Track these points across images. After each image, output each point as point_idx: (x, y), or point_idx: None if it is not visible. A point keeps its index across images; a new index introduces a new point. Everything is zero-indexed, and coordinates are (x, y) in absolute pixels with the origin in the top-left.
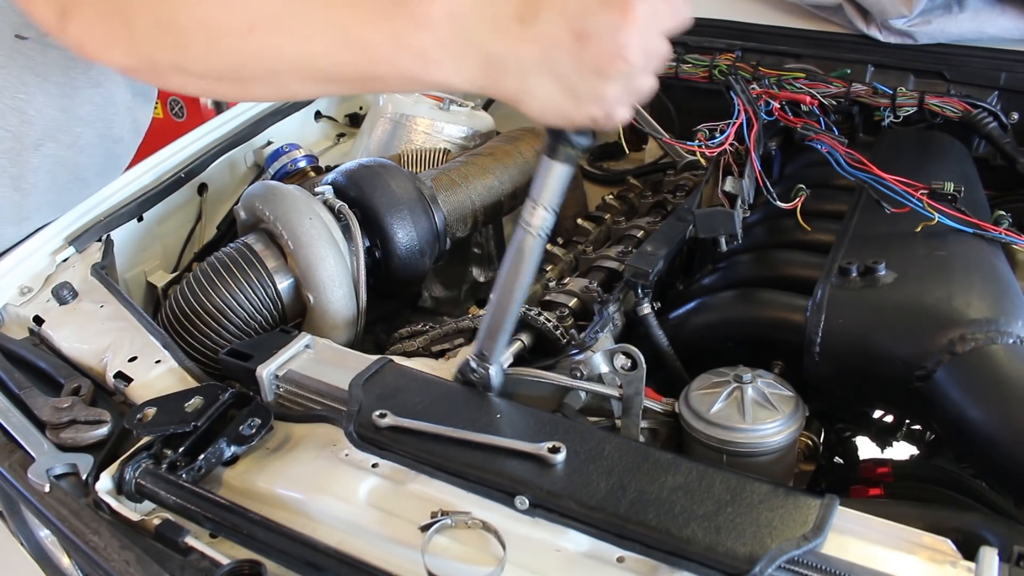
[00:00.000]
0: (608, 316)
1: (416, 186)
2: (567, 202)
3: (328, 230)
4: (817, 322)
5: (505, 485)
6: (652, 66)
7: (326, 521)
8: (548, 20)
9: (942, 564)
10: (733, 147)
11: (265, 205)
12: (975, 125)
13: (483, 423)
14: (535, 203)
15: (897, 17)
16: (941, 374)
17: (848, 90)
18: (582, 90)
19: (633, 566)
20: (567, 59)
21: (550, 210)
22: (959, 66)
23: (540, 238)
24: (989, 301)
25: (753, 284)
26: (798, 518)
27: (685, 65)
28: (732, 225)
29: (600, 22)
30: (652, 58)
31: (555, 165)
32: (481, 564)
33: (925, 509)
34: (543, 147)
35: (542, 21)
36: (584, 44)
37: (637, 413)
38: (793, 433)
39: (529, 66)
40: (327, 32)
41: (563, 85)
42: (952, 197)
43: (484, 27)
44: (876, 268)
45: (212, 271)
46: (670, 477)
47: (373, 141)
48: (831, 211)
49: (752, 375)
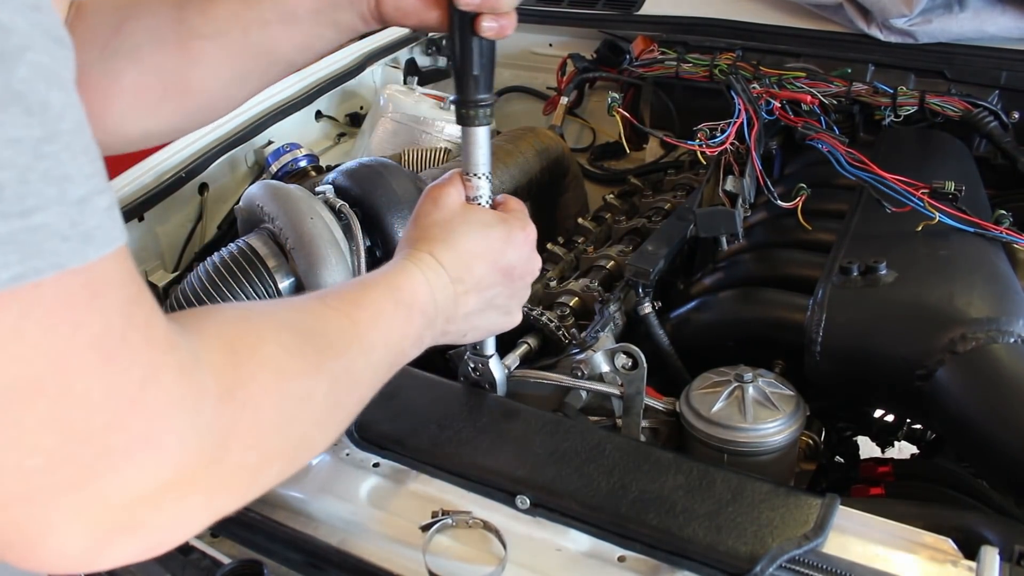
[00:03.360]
0: (609, 315)
1: (417, 186)
2: (568, 201)
3: (329, 230)
4: (818, 321)
5: (506, 485)
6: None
7: (327, 521)
8: (479, 269)
9: (943, 563)
10: (734, 146)
11: (266, 204)
12: (976, 124)
13: (484, 423)
14: (468, 175)
15: (898, 16)
16: (942, 373)
17: (849, 89)
18: (512, 306)
19: (634, 565)
20: (500, 290)
21: (483, 177)
22: (960, 65)
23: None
24: (990, 300)
25: (754, 283)
26: (799, 517)
27: (685, 65)
28: (733, 224)
29: (515, 254)
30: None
31: (472, 131)
32: (482, 564)
33: (926, 508)
34: (456, 119)
35: (474, 273)
36: (510, 274)
37: (638, 412)
38: (794, 432)
39: (476, 310)
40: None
41: (499, 311)
42: (953, 196)
43: (449, 308)
44: (877, 267)
45: (213, 271)
46: (671, 476)
47: (374, 141)
48: (832, 210)
49: (753, 374)
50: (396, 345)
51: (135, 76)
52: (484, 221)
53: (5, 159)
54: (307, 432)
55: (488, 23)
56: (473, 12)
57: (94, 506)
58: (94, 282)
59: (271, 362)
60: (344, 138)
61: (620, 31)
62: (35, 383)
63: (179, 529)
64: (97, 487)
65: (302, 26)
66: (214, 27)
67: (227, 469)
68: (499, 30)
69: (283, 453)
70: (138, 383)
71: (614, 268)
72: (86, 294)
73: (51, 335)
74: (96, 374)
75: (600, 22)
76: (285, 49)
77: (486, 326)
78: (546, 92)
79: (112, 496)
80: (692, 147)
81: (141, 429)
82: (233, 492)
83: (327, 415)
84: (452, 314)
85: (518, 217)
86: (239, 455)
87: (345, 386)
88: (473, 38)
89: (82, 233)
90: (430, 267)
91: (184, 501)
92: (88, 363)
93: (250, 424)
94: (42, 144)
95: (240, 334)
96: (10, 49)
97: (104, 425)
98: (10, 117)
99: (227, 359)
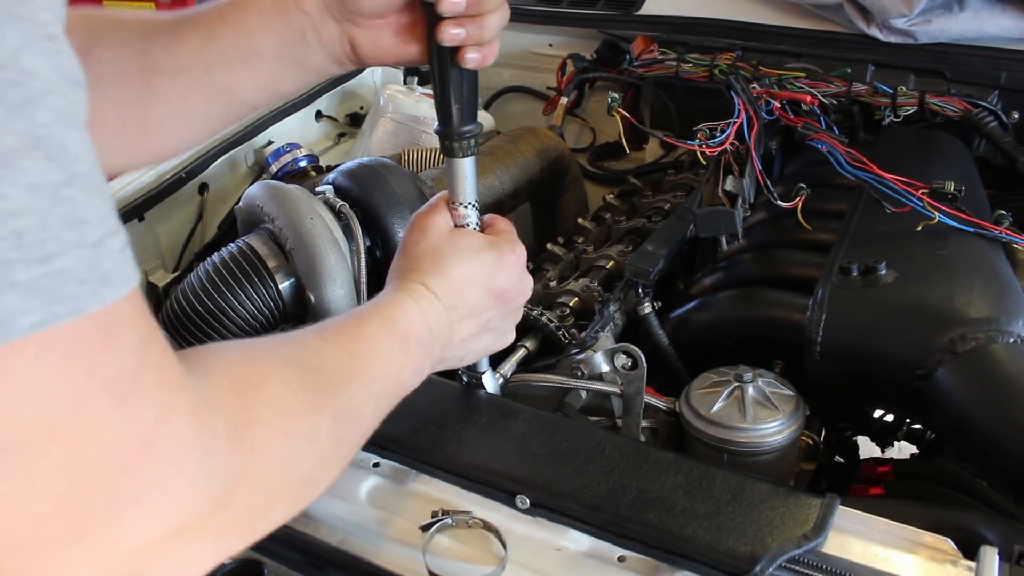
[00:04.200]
0: (609, 315)
1: (417, 186)
2: (568, 201)
3: (329, 230)
4: (818, 321)
5: (506, 485)
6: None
7: (327, 521)
8: (471, 296)
9: (943, 563)
10: (734, 146)
11: (266, 205)
12: (976, 124)
13: (484, 423)
14: (455, 204)
15: (898, 16)
16: (942, 373)
17: (849, 89)
18: (506, 327)
19: (634, 565)
20: (493, 313)
21: (470, 206)
22: (960, 65)
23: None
24: (990, 300)
25: (754, 283)
26: (799, 517)
27: (685, 65)
28: (733, 224)
29: (507, 277)
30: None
31: (458, 162)
32: (482, 563)
33: (926, 508)
34: (441, 149)
35: (467, 300)
36: (503, 297)
37: (638, 412)
38: (794, 432)
39: (471, 335)
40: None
41: (494, 333)
42: (953, 196)
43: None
44: (877, 267)
45: (213, 271)
46: (671, 476)
47: (374, 141)
48: (832, 210)
49: (753, 374)
50: (396, 376)
51: (94, 106)
52: (473, 246)
53: (27, 205)
54: (312, 472)
55: (471, 54)
56: (455, 45)
57: (102, 555)
58: (109, 324)
59: (277, 402)
60: (344, 138)
61: (620, 31)
62: (48, 427)
63: (186, 573)
64: (106, 535)
65: (266, 67)
66: (177, 64)
67: (235, 513)
68: (482, 60)
69: (288, 493)
70: (151, 425)
71: (614, 268)
72: (101, 336)
73: (66, 379)
74: (109, 417)
75: (600, 22)
76: (247, 89)
77: (482, 348)
78: (546, 92)
79: (121, 544)
80: (692, 147)
81: (152, 474)
82: (239, 535)
83: (331, 453)
84: (448, 340)
85: (507, 239)
86: (247, 498)
87: (348, 422)
88: (454, 70)
89: (99, 276)
90: (423, 297)
91: (191, 547)
92: (102, 406)
93: (258, 466)
94: (60, 188)
95: (246, 374)
96: (32, 95)
97: (116, 470)
98: (32, 163)
99: (235, 400)
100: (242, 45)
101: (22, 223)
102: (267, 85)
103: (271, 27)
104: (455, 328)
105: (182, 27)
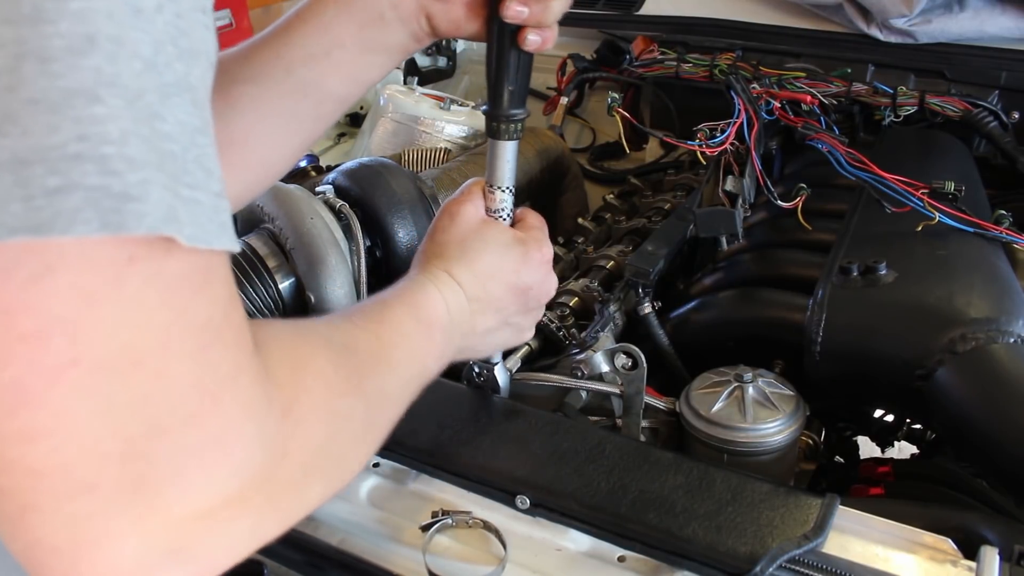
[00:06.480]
0: (609, 315)
1: (417, 186)
2: (568, 201)
3: (329, 230)
4: (818, 321)
5: (506, 485)
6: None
7: (326, 520)
8: (495, 289)
9: (943, 563)
10: (734, 146)
11: (266, 205)
12: (976, 124)
13: (484, 423)
14: (492, 187)
15: (897, 16)
16: (942, 373)
17: (849, 89)
18: (526, 324)
19: (634, 565)
20: (515, 309)
21: (507, 191)
22: (960, 65)
23: (507, 220)
24: (990, 300)
25: (754, 283)
26: (799, 517)
27: (685, 65)
28: (733, 224)
29: (532, 275)
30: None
31: (501, 144)
32: (482, 564)
33: (926, 508)
34: (487, 131)
35: (490, 293)
36: (526, 294)
37: (638, 412)
38: (794, 432)
39: (491, 328)
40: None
41: (513, 328)
42: (953, 196)
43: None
44: (877, 267)
45: None
46: (671, 476)
47: (374, 140)
48: (832, 210)
49: (753, 374)
50: (420, 362)
51: None
52: (502, 240)
53: (174, 134)
54: (346, 452)
55: (532, 36)
56: (517, 25)
57: (151, 520)
58: (211, 270)
59: (323, 379)
60: (344, 138)
61: (620, 31)
62: (137, 355)
63: (223, 555)
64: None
65: (349, 55)
66: (255, 70)
67: (277, 488)
68: (541, 44)
69: (324, 473)
70: (221, 381)
71: (614, 268)
72: (201, 279)
73: (164, 310)
74: (190, 362)
75: (600, 22)
76: (333, 82)
77: (500, 342)
78: (546, 92)
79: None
80: (692, 147)
81: (217, 430)
82: (279, 513)
83: (363, 434)
84: (468, 331)
85: (536, 237)
86: (288, 472)
87: (378, 405)
88: (512, 51)
89: (219, 223)
90: (447, 285)
91: (234, 525)
92: (186, 348)
93: (301, 442)
94: (197, 135)
95: (296, 350)
96: (194, 49)
97: (185, 418)
98: (182, 102)
99: (287, 374)
100: (323, 39)
101: (171, 147)
102: (353, 74)
103: (350, 14)
104: (476, 320)
105: (260, 39)
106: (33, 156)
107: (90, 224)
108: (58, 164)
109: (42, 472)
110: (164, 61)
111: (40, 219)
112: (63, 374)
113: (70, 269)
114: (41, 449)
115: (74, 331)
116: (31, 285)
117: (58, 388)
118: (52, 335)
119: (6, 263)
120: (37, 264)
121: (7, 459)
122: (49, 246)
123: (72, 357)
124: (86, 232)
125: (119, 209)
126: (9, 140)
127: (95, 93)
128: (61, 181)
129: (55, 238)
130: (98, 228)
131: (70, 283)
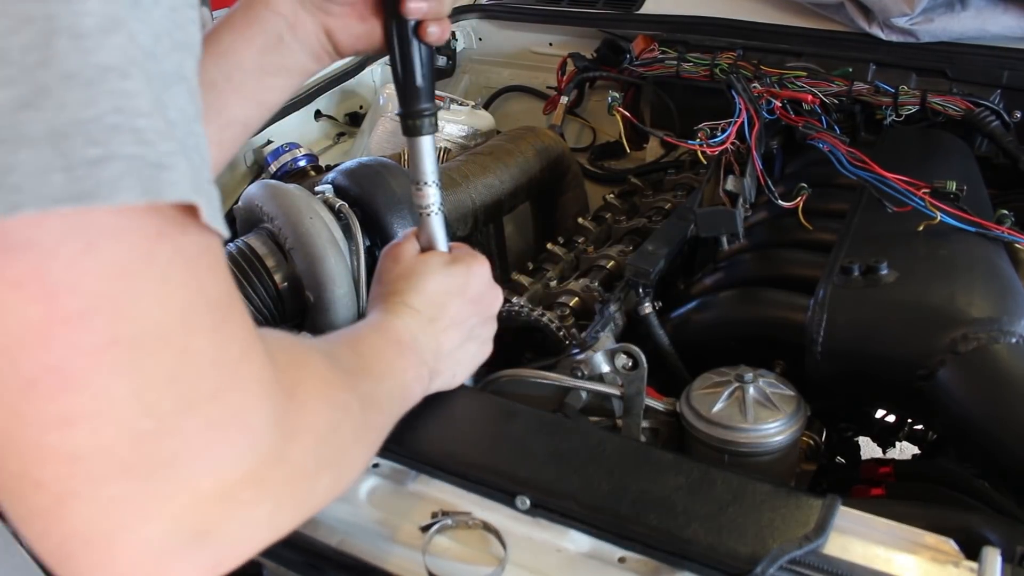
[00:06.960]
0: (609, 315)
1: None
2: (568, 201)
3: (328, 229)
4: (819, 321)
5: (506, 485)
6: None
7: (325, 521)
8: (450, 306)
9: (944, 564)
10: (734, 146)
11: (265, 204)
12: (977, 124)
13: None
14: (418, 184)
15: (899, 15)
16: (943, 373)
17: (850, 89)
18: (486, 336)
19: (634, 566)
20: (475, 321)
21: (433, 184)
22: (961, 64)
23: (439, 214)
24: (992, 300)
25: (754, 283)
26: (800, 518)
27: (686, 64)
28: (733, 224)
29: (479, 284)
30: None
31: (420, 140)
32: (482, 564)
33: (927, 509)
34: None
35: (446, 311)
36: (479, 303)
37: (638, 413)
38: (795, 433)
39: (457, 344)
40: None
41: (477, 341)
42: (954, 196)
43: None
44: (878, 267)
45: None
46: (671, 477)
47: (373, 140)
48: (833, 210)
49: (753, 375)
50: (399, 376)
51: None
52: (442, 262)
53: (177, 120)
54: (347, 445)
55: (432, 28)
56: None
57: (181, 496)
58: (219, 249)
59: (319, 372)
60: (343, 138)
61: (620, 30)
62: (163, 333)
63: (245, 541)
64: (194, 467)
65: (249, 79)
66: None
67: (289, 471)
68: (441, 34)
69: (332, 463)
70: (238, 355)
71: (614, 268)
72: (214, 257)
73: (187, 285)
74: (210, 337)
75: (600, 21)
76: (236, 108)
77: (469, 360)
78: (546, 92)
79: (202, 483)
80: (692, 147)
81: (239, 403)
82: (293, 501)
83: (363, 431)
84: (436, 349)
85: (469, 252)
86: (299, 455)
87: (372, 406)
88: (414, 48)
89: (217, 208)
90: (406, 313)
91: (254, 507)
92: (205, 323)
93: (307, 425)
94: (194, 123)
95: (292, 345)
96: (188, 42)
97: (211, 393)
98: (180, 91)
99: (288, 359)
100: (221, 65)
101: (177, 132)
102: (254, 96)
103: (246, 38)
104: (440, 339)
105: None
106: (72, 128)
107: (132, 191)
108: (97, 135)
109: (81, 456)
110: (162, 51)
111: (83, 188)
112: (104, 354)
113: (109, 244)
114: (81, 433)
115: (114, 309)
116: (75, 263)
117: (100, 369)
118: (94, 314)
119: (50, 242)
120: (80, 240)
121: (45, 446)
122: (90, 221)
123: (112, 336)
124: (128, 200)
125: (156, 177)
126: (45, 113)
127: (125, 70)
128: (101, 152)
129: (99, 206)
130: (139, 195)
131: (111, 260)
